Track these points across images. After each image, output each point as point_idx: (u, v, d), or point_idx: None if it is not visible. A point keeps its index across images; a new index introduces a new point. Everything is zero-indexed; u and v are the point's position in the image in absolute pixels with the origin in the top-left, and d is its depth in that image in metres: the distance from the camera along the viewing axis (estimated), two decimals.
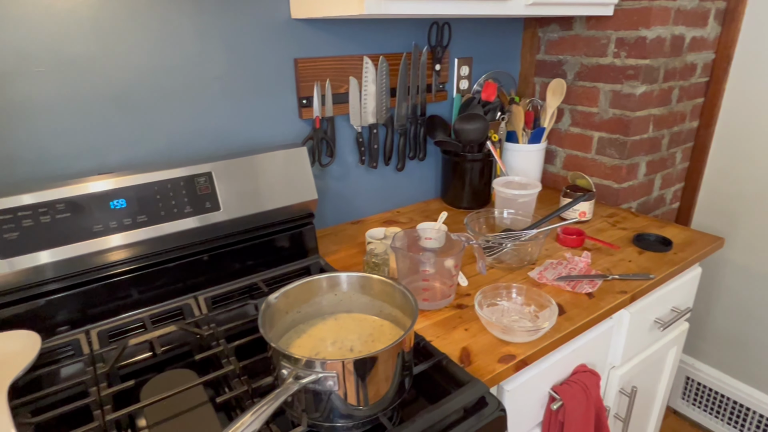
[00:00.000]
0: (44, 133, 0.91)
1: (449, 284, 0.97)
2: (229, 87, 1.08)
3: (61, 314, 0.87)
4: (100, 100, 0.95)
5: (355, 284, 0.82)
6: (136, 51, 0.96)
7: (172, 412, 0.71)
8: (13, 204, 0.79)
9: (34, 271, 0.82)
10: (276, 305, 0.75)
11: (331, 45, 1.20)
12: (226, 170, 0.97)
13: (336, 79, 1.21)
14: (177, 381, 0.78)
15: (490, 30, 1.51)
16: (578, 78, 1.49)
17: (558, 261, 1.13)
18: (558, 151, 1.61)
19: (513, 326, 0.86)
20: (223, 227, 0.98)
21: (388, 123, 1.32)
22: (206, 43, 1.02)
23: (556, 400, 0.93)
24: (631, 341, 1.13)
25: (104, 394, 0.73)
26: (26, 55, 0.86)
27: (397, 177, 1.45)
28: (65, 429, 0.66)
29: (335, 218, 1.36)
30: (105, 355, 0.82)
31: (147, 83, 0.98)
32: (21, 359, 0.72)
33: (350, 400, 0.64)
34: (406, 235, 1.02)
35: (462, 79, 1.47)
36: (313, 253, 1.14)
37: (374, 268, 1.02)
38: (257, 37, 1.09)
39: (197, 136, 1.08)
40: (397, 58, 1.29)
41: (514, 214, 1.22)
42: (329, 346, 0.76)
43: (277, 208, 1.03)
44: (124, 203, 0.87)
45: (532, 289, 0.93)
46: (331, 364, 0.61)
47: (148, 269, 0.93)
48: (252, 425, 0.54)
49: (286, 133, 1.20)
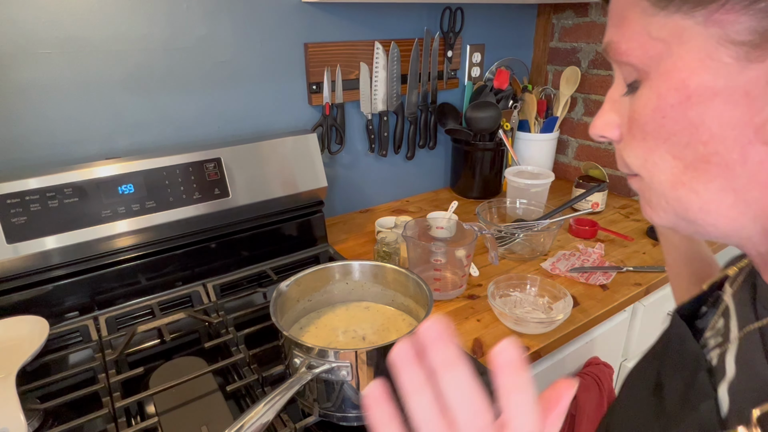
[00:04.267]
0: (51, 116, 0.89)
1: (461, 274, 0.96)
2: (238, 71, 1.06)
3: (69, 300, 0.86)
4: (107, 84, 0.93)
5: (367, 273, 0.80)
6: (144, 34, 0.94)
7: (182, 399, 0.70)
8: (21, 188, 0.78)
9: (42, 256, 0.81)
10: (287, 293, 0.74)
11: (342, 29, 1.17)
12: (235, 156, 0.95)
13: (346, 65, 1.19)
14: (186, 368, 0.77)
15: (503, 16, 1.47)
16: (593, 66, 1.46)
17: (571, 252, 1.11)
18: (570, 141, 1.59)
19: (526, 317, 0.85)
20: (231, 214, 0.96)
21: (399, 110, 1.30)
22: (215, 26, 1.00)
23: None
24: (645, 334, 1.11)
25: (113, 380, 0.72)
26: (32, 38, 0.84)
27: (407, 165, 1.43)
28: (74, 415, 0.65)
29: (344, 206, 1.35)
30: (113, 341, 0.82)
31: (155, 67, 0.97)
32: (29, 345, 0.72)
33: (363, 390, 0.63)
34: (417, 224, 1.01)
35: (474, 66, 1.45)
36: (322, 241, 1.12)
37: (385, 257, 1.00)
38: (267, 20, 1.06)
39: (206, 120, 1.06)
40: (408, 44, 1.26)
41: (526, 204, 1.20)
42: (341, 336, 0.74)
43: (287, 195, 1.01)
44: (132, 188, 0.86)
45: (546, 280, 0.92)
46: (345, 353, 0.60)
47: (156, 256, 0.92)
48: (266, 415, 0.53)
49: (295, 119, 1.18)
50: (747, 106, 0.27)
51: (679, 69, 0.28)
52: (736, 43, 0.26)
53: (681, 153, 0.30)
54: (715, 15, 0.26)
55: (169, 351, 0.84)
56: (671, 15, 0.28)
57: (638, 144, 0.32)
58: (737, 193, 0.29)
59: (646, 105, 0.31)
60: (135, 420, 0.69)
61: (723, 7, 0.26)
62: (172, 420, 0.67)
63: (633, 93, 0.32)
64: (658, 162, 0.31)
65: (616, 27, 0.32)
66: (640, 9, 0.30)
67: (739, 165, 0.28)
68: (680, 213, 0.32)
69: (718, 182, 0.29)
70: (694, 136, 0.29)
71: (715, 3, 0.26)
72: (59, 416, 0.69)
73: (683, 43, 0.28)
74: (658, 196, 0.33)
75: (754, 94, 0.27)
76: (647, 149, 0.32)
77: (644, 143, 0.32)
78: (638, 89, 0.31)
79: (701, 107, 0.28)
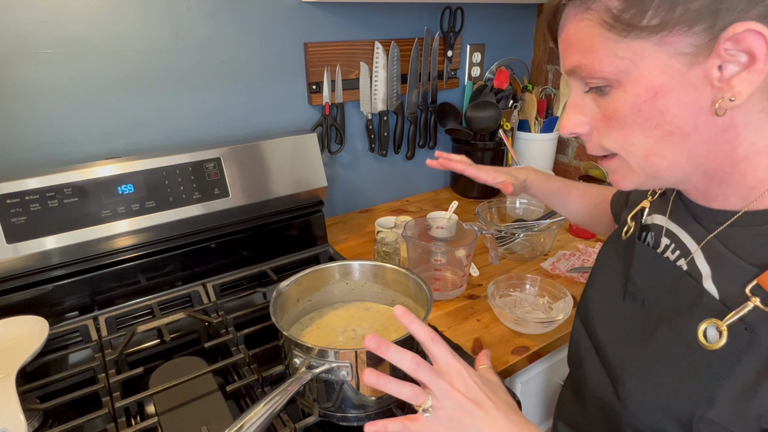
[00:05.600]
0: (51, 116, 0.89)
1: (461, 274, 0.96)
2: (238, 71, 1.06)
3: (68, 300, 0.86)
4: (107, 83, 0.93)
5: (367, 273, 0.80)
6: (144, 34, 0.94)
7: (182, 399, 0.70)
8: (21, 188, 0.78)
9: (42, 256, 0.81)
10: (287, 293, 0.74)
11: (342, 29, 1.17)
12: (234, 156, 0.95)
13: (346, 65, 1.19)
14: (186, 368, 0.77)
15: (504, 16, 1.47)
16: None
17: (571, 252, 1.11)
18: (571, 141, 1.59)
19: (526, 317, 0.84)
20: (231, 214, 0.96)
21: (399, 110, 1.30)
22: (215, 27, 1.00)
23: None
24: None
25: (113, 380, 0.72)
26: (32, 38, 0.84)
27: (407, 165, 1.43)
28: (74, 415, 0.65)
29: (344, 206, 1.35)
30: (113, 341, 0.82)
31: (155, 66, 0.96)
32: (29, 345, 0.71)
33: (363, 390, 0.63)
34: (417, 224, 1.01)
35: (474, 66, 1.45)
36: (322, 241, 1.12)
37: (385, 257, 1.00)
38: (267, 20, 1.06)
39: (205, 120, 1.06)
40: (408, 44, 1.26)
41: (526, 204, 1.20)
42: (340, 336, 0.74)
43: (286, 195, 1.01)
44: (132, 188, 0.86)
45: (546, 280, 0.92)
46: (345, 353, 0.60)
47: (156, 255, 0.92)
48: (265, 415, 0.52)
49: (295, 119, 1.17)
50: (695, 93, 0.39)
51: (646, 76, 0.40)
52: (682, 54, 0.38)
53: (652, 133, 0.42)
54: (666, 38, 0.38)
55: (169, 351, 0.84)
56: (632, 41, 0.39)
57: (617, 132, 0.44)
58: (691, 151, 0.42)
59: (624, 103, 0.42)
60: (135, 420, 0.69)
61: (670, 33, 0.38)
62: (172, 420, 0.67)
63: (602, 95, 0.43)
64: (635, 142, 0.43)
65: (582, 54, 0.42)
66: (603, 39, 0.40)
67: (693, 132, 0.41)
68: (651, 174, 0.45)
69: (679, 147, 0.42)
70: (661, 119, 0.41)
71: (664, 30, 0.38)
72: (59, 416, 0.69)
73: (644, 58, 0.40)
74: (632, 167, 0.45)
75: (697, 85, 0.39)
76: (625, 134, 0.43)
77: (623, 131, 0.43)
78: (608, 93, 0.43)
79: (665, 99, 0.40)
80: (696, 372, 0.43)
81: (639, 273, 0.53)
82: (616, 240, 0.61)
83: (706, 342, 0.43)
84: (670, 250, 0.51)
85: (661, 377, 0.46)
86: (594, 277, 0.62)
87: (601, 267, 0.61)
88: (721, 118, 0.40)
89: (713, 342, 0.42)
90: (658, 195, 0.56)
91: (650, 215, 0.56)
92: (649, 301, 0.51)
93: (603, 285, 0.59)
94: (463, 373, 0.46)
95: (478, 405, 0.45)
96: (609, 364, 0.53)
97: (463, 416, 0.44)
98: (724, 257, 0.44)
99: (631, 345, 0.51)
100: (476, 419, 0.44)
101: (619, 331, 0.54)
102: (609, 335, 0.55)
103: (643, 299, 0.52)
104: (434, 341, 0.47)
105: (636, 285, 0.53)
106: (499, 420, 0.44)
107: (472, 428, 0.44)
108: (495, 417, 0.44)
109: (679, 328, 0.46)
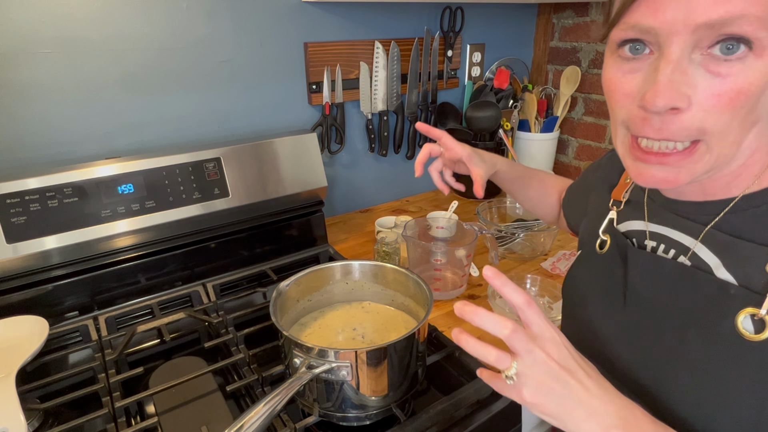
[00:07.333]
0: (51, 116, 0.89)
1: (461, 274, 0.96)
2: (237, 71, 1.06)
3: (68, 300, 0.86)
4: (107, 83, 0.93)
5: (367, 273, 0.80)
6: (144, 34, 0.93)
7: (182, 399, 0.70)
8: (20, 188, 0.78)
9: (42, 256, 0.81)
10: (287, 293, 0.74)
11: (342, 29, 1.17)
12: (234, 156, 0.95)
13: (346, 65, 1.19)
14: (186, 368, 0.77)
15: (504, 16, 1.47)
16: (593, 66, 1.46)
17: (571, 252, 1.11)
18: (571, 141, 1.59)
19: None
20: (231, 214, 0.96)
21: (399, 110, 1.30)
22: (215, 26, 1.00)
23: None
24: None
25: (113, 380, 0.72)
26: (32, 38, 0.84)
27: (407, 165, 1.43)
28: (74, 415, 0.65)
29: (344, 206, 1.35)
30: (113, 341, 0.82)
31: (155, 66, 0.96)
32: (29, 345, 0.71)
33: (363, 390, 0.63)
34: (417, 224, 1.01)
35: (474, 65, 1.45)
36: (322, 241, 1.12)
37: (385, 257, 1.00)
38: (267, 20, 1.06)
39: (205, 120, 1.06)
40: (408, 44, 1.26)
41: None
42: (341, 336, 0.74)
43: (286, 195, 1.01)
44: (132, 188, 0.86)
45: (546, 280, 0.92)
46: (345, 353, 0.60)
47: (156, 255, 0.92)
48: (265, 415, 0.52)
49: (295, 118, 1.17)
50: None
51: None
52: None
53: (746, 117, 0.37)
54: None
55: (169, 351, 0.84)
56: None
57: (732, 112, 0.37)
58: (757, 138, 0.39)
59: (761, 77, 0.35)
60: (135, 420, 0.69)
61: None
62: (172, 420, 0.67)
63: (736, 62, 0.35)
64: (735, 127, 0.38)
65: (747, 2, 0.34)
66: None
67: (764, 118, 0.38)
68: (717, 167, 0.40)
69: (751, 133, 0.39)
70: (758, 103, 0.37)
71: None
72: (59, 416, 0.69)
73: None
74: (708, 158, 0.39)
75: None
76: (734, 116, 0.37)
77: (740, 110, 0.37)
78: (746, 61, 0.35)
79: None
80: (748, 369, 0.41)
81: (638, 278, 0.51)
82: (588, 258, 0.58)
83: (749, 334, 0.40)
84: (662, 251, 0.50)
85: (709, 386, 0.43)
86: (576, 306, 0.59)
87: (584, 289, 0.58)
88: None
89: (753, 333, 0.40)
90: (624, 203, 0.56)
91: (622, 223, 0.55)
92: (656, 302, 0.49)
93: (597, 304, 0.56)
94: (557, 339, 0.44)
95: (570, 373, 0.42)
96: (634, 383, 0.50)
97: (556, 385, 0.42)
98: (731, 244, 0.43)
99: (656, 361, 0.48)
100: (569, 388, 0.42)
101: (632, 346, 0.50)
102: (623, 354, 0.51)
103: (647, 304, 0.50)
104: (530, 306, 0.44)
105: (637, 291, 0.51)
106: (592, 389, 0.42)
107: (565, 397, 0.42)
108: (588, 386, 0.42)
109: (709, 326, 0.43)
